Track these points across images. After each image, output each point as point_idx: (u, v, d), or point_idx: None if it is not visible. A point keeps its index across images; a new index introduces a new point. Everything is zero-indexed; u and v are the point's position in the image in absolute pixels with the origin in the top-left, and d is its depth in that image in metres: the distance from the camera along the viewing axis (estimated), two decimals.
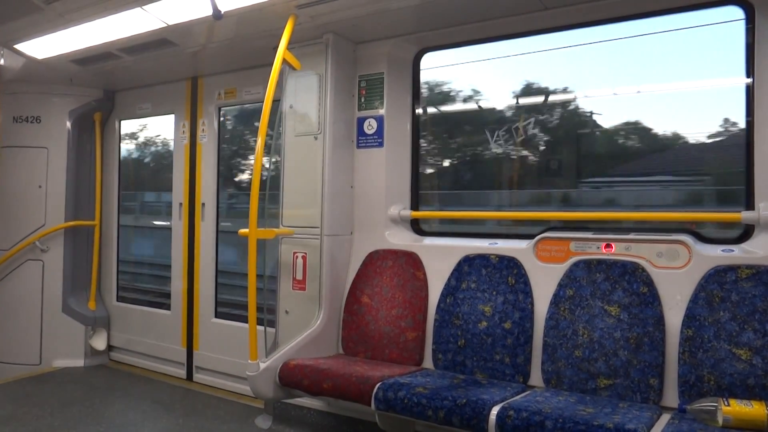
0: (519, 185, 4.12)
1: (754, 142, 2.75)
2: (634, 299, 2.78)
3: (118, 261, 5.31)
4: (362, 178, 3.71)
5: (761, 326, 2.48)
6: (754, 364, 2.45)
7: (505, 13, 3.23)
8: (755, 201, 2.73)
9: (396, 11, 3.21)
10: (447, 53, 3.73)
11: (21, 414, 3.83)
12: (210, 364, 4.53)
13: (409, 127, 3.72)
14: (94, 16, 3.57)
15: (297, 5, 3.19)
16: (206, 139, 4.63)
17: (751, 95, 2.78)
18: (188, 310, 4.68)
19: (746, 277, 2.57)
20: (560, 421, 2.25)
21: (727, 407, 2.26)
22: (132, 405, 4.07)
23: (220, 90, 4.55)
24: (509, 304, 3.08)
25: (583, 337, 2.82)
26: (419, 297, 3.37)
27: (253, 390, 3.16)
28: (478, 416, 2.43)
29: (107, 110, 5.24)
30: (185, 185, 4.74)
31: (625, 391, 2.68)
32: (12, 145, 4.96)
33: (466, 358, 3.12)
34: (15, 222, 4.97)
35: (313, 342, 3.41)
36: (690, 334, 2.59)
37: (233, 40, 3.77)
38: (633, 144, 3.80)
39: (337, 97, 3.57)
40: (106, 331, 5.16)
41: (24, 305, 4.97)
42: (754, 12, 2.75)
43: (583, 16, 3.15)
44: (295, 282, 3.62)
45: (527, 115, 3.91)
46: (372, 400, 2.72)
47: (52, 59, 4.30)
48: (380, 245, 3.61)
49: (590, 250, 3.01)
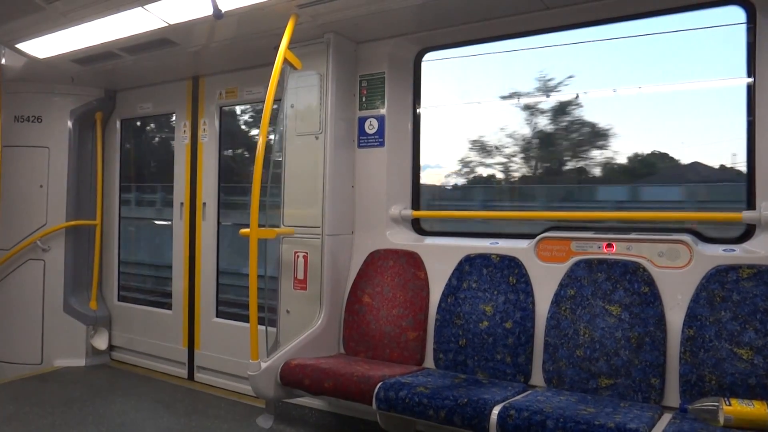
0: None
1: (755, 142, 2.75)
2: (635, 299, 2.78)
3: (119, 260, 5.31)
4: (363, 178, 3.71)
5: (762, 326, 2.48)
6: (756, 364, 2.45)
7: (506, 12, 3.23)
8: (756, 201, 2.73)
9: (397, 11, 3.21)
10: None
11: (22, 413, 3.83)
12: (211, 363, 4.53)
13: (410, 126, 3.72)
14: (96, 16, 3.57)
15: (298, 5, 3.19)
16: (207, 138, 4.63)
17: (752, 95, 2.78)
18: (189, 310, 4.69)
19: (747, 276, 2.57)
20: (561, 420, 2.25)
21: (728, 407, 2.26)
22: (133, 405, 4.07)
23: (221, 90, 4.55)
24: (510, 303, 3.08)
25: (585, 337, 2.83)
26: (420, 297, 3.37)
27: (255, 389, 3.16)
28: (480, 416, 2.43)
29: (108, 110, 5.25)
30: (186, 185, 4.74)
31: (627, 391, 2.68)
32: (13, 145, 4.95)
33: (467, 357, 3.12)
34: (16, 221, 4.97)
35: (314, 342, 3.41)
36: (691, 333, 2.59)
37: (234, 39, 3.77)
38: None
39: (338, 96, 3.57)
40: (107, 331, 5.17)
41: (25, 305, 4.97)
42: (755, 12, 2.75)
43: (585, 16, 3.15)
44: (296, 281, 3.62)
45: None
46: (373, 399, 2.72)
47: (54, 59, 4.30)
48: (381, 245, 3.62)
49: (591, 249, 3.01)
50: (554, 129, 3.92)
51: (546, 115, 3.93)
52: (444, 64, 3.78)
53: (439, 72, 3.80)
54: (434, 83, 3.79)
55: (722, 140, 3.30)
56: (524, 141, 4.01)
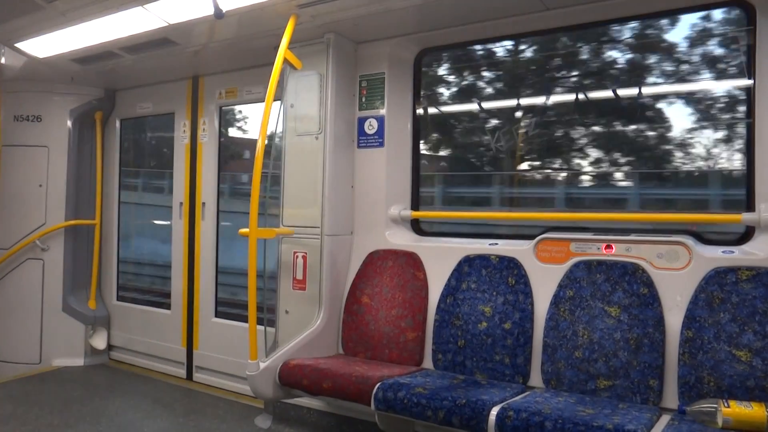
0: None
1: (754, 144, 2.75)
2: (634, 300, 2.78)
3: (118, 260, 5.31)
4: (363, 178, 3.71)
5: (761, 328, 2.48)
6: (754, 366, 2.45)
7: (506, 13, 3.23)
8: (756, 202, 2.73)
9: (397, 11, 3.21)
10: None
11: (21, 413, 3.83)
12: (210, 363, 4.53)
13: (410, 127, 3.72)
14: (95, 15, 3.57)
15: (298, 5, 3.19)
16: (207, 138, 4.63)
17: (751, 96, 2.78)
18: (188, 310, 4.68)
19: (746, 278, 2.57)
20: (560, 421, 2.25)
21: (726, 408, 2.26)
22: (132, 404, 4.07)
23: (221, 89, 4.55)
24: (509, 304, 3.08)
25: (583, 338, 2.82)
26: (419, 297, 3.37)
27: (253, 389, 3.16)
28: (478, 417, 2.43)
29: (108, 109, 5.25)
30: (186, 185, 4.74)
31: (625, 392, 2.68)
32: (13, 144, 4.96)
33: (465, 358, 3.12)
34: (15, 221, 4.97)
35: (313, 342, 3.41)
36: (690, 335, 2.59)
37: (234, 39, 3.77)
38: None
39: (338, 96, 3.57)
40: (106, 331, 5.17)
41: (24, 304, 4.97)
42: (755, 13, 2.75)
43: (585, 17, 3.15)
44: (295, 282, 3.62)
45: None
46: (372, 400, 2.72)
47: (53, 58, 4.30)
48: (380, 245, 3.61)
49: (590, 250, 3.01)
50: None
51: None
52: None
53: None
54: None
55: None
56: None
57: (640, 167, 3.75)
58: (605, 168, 3.87)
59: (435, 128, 4.32)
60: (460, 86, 4.31)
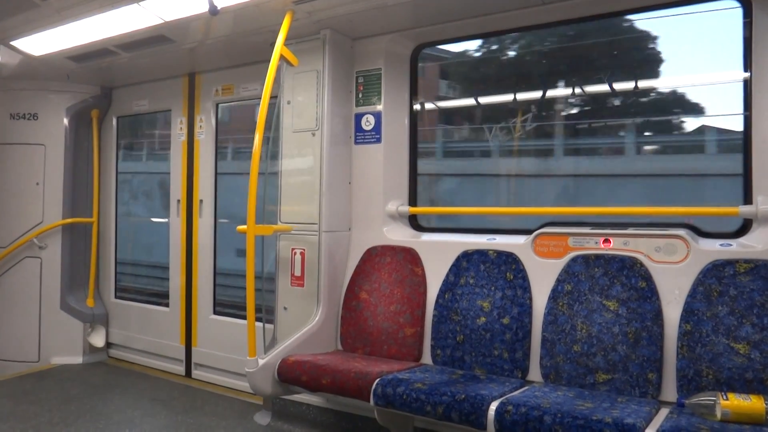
0: None
1: (751, 137, 2.75)
2: (633, 294, 2.78)
3: (116, 258, 5.31)
4: (360, 174, 3.70)
5: (759, 320, 2.48)
6: (752, 358, 2.45)
7: (503, 8, 3.22)
8: (753, 195, 2.73)
9: (393, 7, 3.20)
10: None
11: (19, 411, 3.83)
12: (209, 360, 4.53)
13: (407, 122, 3.72)
14: (91, 13, 3.56)
15: (294, 1, 3.18)
16: (204, 135, 4.62)
17: (748, 89, 2.78)
18: (187, 307, 4.68)
19: (744, 271, 2.58)
20: (559, 415, 2.26)
21: (725, 401, 2.26)
22: (131, 402, 4.07)
23: (217, 86, 4.54)
24: (508, 299, 3.08)
25: (582, 332, 2.83)
26: (418, 293, 3.37)
27: (252, 386, 3.16)
28: (477, 411, 2.44)
29: (104, 107, 5.23)
30: (183, 182, 4.73)
31: (624, 386, 2.68)
32: (9, 142, 4.95)
33: (464, 353, 3.12)
34: (12, 219, 4.96)
35: (312, 338, 3.41)
36: (688, 328, 2.60)
37: (230, 36, 3.76)
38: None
39: (334, 93, 3.56)
40: (104, 328, 5.17)
41: (22, 302, 4.97)
42: (751, 6, 2.75)
43: (581, 11, 3.14)
44: (293, 278, 3.62)
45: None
46: (371, 395, 2.73)
47: (49, 56, 4.29)
48: (378, 241, 3.61)
49: (588, 245, 3.01)
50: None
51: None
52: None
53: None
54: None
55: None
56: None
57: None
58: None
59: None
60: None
